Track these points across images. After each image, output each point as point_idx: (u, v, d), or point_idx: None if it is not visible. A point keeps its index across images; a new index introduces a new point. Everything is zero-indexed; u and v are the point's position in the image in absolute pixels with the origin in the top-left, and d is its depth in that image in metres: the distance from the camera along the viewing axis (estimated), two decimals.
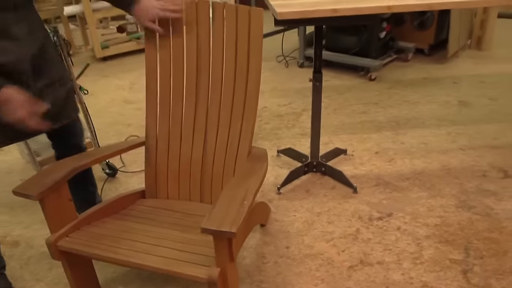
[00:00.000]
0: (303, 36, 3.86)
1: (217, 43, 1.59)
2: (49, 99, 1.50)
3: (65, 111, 1.58)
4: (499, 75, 3.50)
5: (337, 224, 1.92)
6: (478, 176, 2.20)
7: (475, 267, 1.64)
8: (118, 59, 4.51)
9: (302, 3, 1.72)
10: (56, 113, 1.54)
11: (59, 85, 1.53)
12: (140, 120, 3.07)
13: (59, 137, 1.65)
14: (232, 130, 1.60)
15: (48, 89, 1.49)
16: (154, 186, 1.73)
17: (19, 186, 1.34)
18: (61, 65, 1.60)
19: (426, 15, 3.86)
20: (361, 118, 2.91)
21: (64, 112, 1.59)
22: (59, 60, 1.59)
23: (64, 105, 1.57)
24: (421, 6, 1.63)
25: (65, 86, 1.57)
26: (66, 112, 1.59)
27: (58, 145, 1.74)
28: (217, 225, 1.10)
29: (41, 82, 1.46)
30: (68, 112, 1.61)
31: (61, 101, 1.55)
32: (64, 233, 1.40)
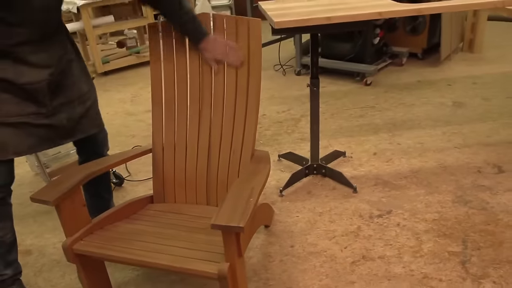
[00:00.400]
0: (299, 45, 3.97)
1: None
2: (64, 116, 1.57)
3: (80, 126, 1.65)
4: (491, 76, 3.59)
5: (339, 222, 1.99)
6: (473, 172, 2.27)
7: (472, 258, 1.71)
8: (118, 73, 4.62)
9: (298, 12, 1.81)
10: (70, 128, 1.61)
11: (77, 103, 1.61)
12: (143, 131, 3.16)
13: (83, 144, 1.73)
14: (235, 137, 1.68)
15: (64, 107, 1.56)
16: (161, 192, 1.80)
17: (36, 193, 1.41)
18: (85, 83, 1.65)
19: (418, 20, 3.97)
20: (358, 121, 2.99)
21: (80, 128, 1.65)
22: (83, 79, 1.64)
23: (80, 121, 1.63)
24: (410, 11, 1.72)
25: (84, 104, 1.64)
26: (82, 127, 1.65)
27: (81, 152, 1.83)
28: (226, 221, 1.17)
29: (57, 101, 1.54)
30: (84, 127, 1.66)
31: (77, 118, 1.62)
32: (79, 237, 1.47)
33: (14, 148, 1.49)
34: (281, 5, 2.05)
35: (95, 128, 1.73)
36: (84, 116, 1.64)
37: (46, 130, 1.54)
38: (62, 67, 1.54)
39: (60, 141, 1.61)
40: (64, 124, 1.58)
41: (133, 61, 4.76)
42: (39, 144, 1.55)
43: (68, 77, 1.57)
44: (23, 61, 1.41)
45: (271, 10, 1.90)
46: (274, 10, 1.90)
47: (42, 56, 1.45)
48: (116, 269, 1.82)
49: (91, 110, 1.68)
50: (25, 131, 1.50)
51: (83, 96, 1.63)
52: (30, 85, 1.44)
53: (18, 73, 1.41)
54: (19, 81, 1.42)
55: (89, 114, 1.67)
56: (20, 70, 1.41)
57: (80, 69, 1.64)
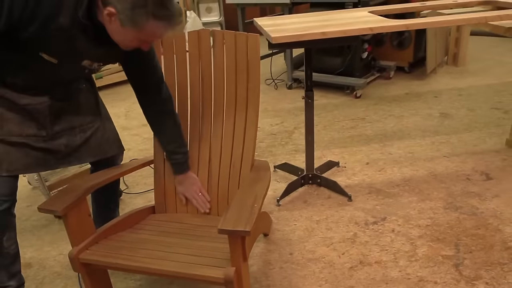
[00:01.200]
0: (290, 59, 4.07)
1: (218, 67, 1.74)
2: (63, 142, 1.59)
3: (78, 154, 1.65)
4: (475, 88, 3.73)
5: (336, 230, 2.04)
6: (463, 180, 2.36)
7: (465, 260, 1.78)
8: (111, 88, 4.66)
9: (293, 28, 1.90)
10: (67, 154, 1.62)
11: (78, 131, 1.62)
12: (138, 145, 3.20)
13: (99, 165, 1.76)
14: (235, 149, 1.74)
15: (65, 133, 1.58)
16: (163, 202, 1.83)
17: (44, 203, 1.44)
18: (90, 113, 1.66)
19: (404, 35, 4.12)
20: (350, 132, 3.08)
21: (77, 155, 1.65)
22: (89, 108, 1.66)
23: (78, 149, 1.64)
24: (399, 27, 1.82)
25: (84, 133, 1.64)
26: (79, 155, 1.65)
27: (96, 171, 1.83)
28: (232, 226, 1.22)
29: (59, 126, 1.56)
30: (81, 155, 1.66)
31: (76, 146, 1.63)
32: (85, 246, 1.50)
33: (8, 166, 1.49)
34: (276, 21, 2.14)
35: (93, 157, 1.72)
36: (83, 145, 1.65)
37: (43, 153, 1.55)
38: (66, 93, 1.57)
39: (56, 165, 1.62)
40: (61, 150, 1.59)
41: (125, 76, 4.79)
42: (35, 165, 1.56)
43: (72, 104, 1.59)
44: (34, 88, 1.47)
45: (267, 26, 1.98)
46: (270, 26, 1.99)
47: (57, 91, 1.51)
48: (118, 279, 1.84)
49: (91, 139, 1.68)
50: (23, 151, 1.51)
51: (85, 125, 1.64)
52: (31, 106, 1.48)
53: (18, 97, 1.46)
54: (21, 102, 1.46)
55: (89, 143, 1.67)
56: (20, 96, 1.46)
57: (88, 99, 1.65)
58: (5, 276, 1.63)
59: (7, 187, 1.54)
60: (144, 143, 3.22)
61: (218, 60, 1.74)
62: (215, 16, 6.40)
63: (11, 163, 1.50)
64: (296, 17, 2.24)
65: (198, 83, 1.77)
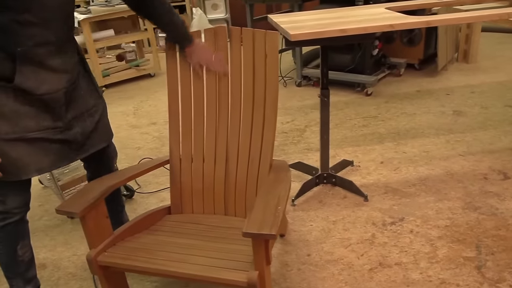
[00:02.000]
0: (299, 56, 4.03)
1: (235, 64, 1.71)
2: (77, 130, 1.56)
3: (91, 141, 1.63)
4: (488, 85, 3.68)
5: (353, 230, 2.01)
6: (480, 179, 2.32)
7: (487, 262, 1.74)
8: (118, 86, 4.63)
9: (310, 25, 1.86)
10: (83, 143, 1.60)
11: (87, 116, 1.59)
12: (148, 144, 3.17)
13: (92, 159, 1.71)
14: (253, 148, 1.70)
15: (76, 120, 1.55)
16: (179, 203, 1.81)
17: (61, 205, 1.41)
18: (91, 97, 1.63)
19: (414, 32, 4.07)
20: (362, 131, 3.04)
21: (91, 143, 1.63)
22: (90, 92, 1.63)
23: (91, 136, 1.62)
24: (420, 23, 1.78)
25: (92, 117, 1.62)
26: (92, 142, 1.64)
27: (90, 167, 1.81)
28: (257, 229, 1.19)
29: (71, 113, 1.53)
30: (95, 142, 1.65)
31: (88, 132, 1.60)
32: (103, 248, 1.47)
33: (35, 165, 1.47)
34: (291, 18, 2.10)
35: (105, 141, 1.72)
36: (94, 130, 1.63)
37: (61, 146, 1.52)
38: (75, 77, 1.54)
39: (75, 156, 1.59)
40: (78, 139, 1.57)
41: (133, 74, 4.78)
42: (58, 161, 1.54)
43: (77, 89, 1.56)
44: (43, 65, 1.39)
45: (283, 23, 1.94)
46: (286, 23, 1.95)
47: (59, 61, 1.44)
48: (134, 280, 1.82)
49: (100, 123, 1.67)
50: (42, 149, 1.48)
51: (90, 109, 1.62)
52: (48, 95, 1.43)
53: (39, 81, 1.40)
54: (39, 91, 1.40)
55: (98, 127, 1.65)
56: (42, 78, 1.40)
57: (87, 82, 1.63)
58: (21, 282, 1.61)
59: (21, 199, 1.52)
60: (154, 141, 3.19)
61: (235, 58, 1.71)
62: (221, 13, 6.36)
63: (37, 163, 1.47)
64: (311, 14, 2.20)
65: (215, 80, 1.74)
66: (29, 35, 1.33)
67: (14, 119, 1.40)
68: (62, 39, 1.44)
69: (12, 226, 1.51)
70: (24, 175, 1.46)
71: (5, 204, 1.48)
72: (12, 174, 1.43)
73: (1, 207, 1.48)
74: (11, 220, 1.50)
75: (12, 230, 1.52)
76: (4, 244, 1.54)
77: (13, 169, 1.43)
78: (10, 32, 1.30)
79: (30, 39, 1.34)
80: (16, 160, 1.42)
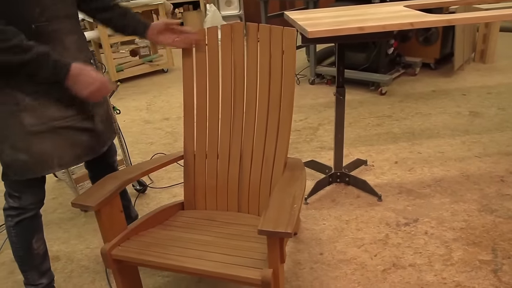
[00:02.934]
0: (313, 54, 4.00)
1: (251, 61, 1.70)
2: (98, 119, 1.56)
3: (107, 133, 1.64)
4: (505, 86, 3.62)
5: (366, 230, 1.99)
6: (497, 182, 2.28)
7: (504, 266, 1.71)
8: (132, 81, 4.65)
9: (327, 22, 1.84)
10: (103, 134, 1.60)
11: (101, 104, 1.59)
12: (161, 139, 3.18)
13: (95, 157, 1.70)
14: (268, 146, 1.69)
15: (96, 107, 1.55)
16: (192, 199, 1.81)
17: (77, 198, 1.42)
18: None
19: (430, 31, 4.01)
20: (376, 130, 3.01)
21: (107, 134, 1.64)
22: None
23: (106, 126, 1.62)
24: (441, 22, 1.75)
25: (103, 106, 1.62)
26: (108, 134, 1.64)
27: (93, 165, 1.79)
28: (273, 227, 1.18)
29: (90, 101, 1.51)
30: (109, 133, 1.66)
31: (105, 121, 1.61)
32: (117, 242, 1.48)
33: (59, 160, 1.46)
34: (308, 15, 2.08)
35: (114, 133, 1.73)
36: (106, 120, 1.63)
37: (88, 136, 1.52)
38: (90, 58, 1.53)
39: (100, 148, 1.60)
40: (100, 128, 1.57)
41: (146, 69, 4.80)
42: (83, 154, 1.54)
43: None
44: (58, 42, 1.37)
45: (300, 20, 1.93)
46: (303, 20, 1.93)
47: (73, 39, 1.43)
48: (146, 274, 1.82)
49: (108, 113, 1.68)
50: (69, 139, 1.47)
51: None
52: None
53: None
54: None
55: (108, 118, 1.66)
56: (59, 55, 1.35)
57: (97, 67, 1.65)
58: (36, 275, 1.63)
59: (36, 196, 1.53)
60: (167, 137, 3.20)
61: (251, 55, 1.70)
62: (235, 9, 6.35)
63: (61, 158, 1.47)
64: (328, 11, 2.17)
65: (230, 77, 1.73)
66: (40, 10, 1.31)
67: (37, 109, 1.38)
68: (71, 14, 1.43)
69: (27, 221, 1.53)
70: (46, 171, 1.45)
71: (20, 200, 1.49)
72: (34, 171, 1.43)
73: (17, 203, 1.50)
74: (26, 215, 1.52)
75: (28, 225, 1.54)
76: (19, 239, 1.55)
77: (36, 166, 1.42)
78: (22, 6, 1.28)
79: (42, 14, 1.31)
80: (40, 155, 1.41)
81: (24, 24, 1.30)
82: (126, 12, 1.61)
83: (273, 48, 1.65)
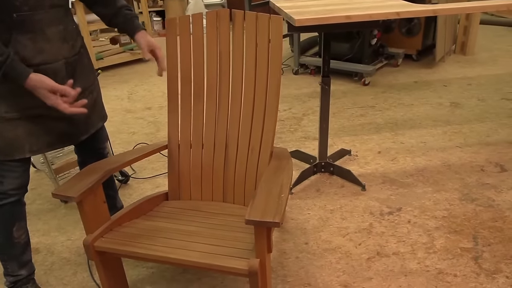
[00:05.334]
0: (297, 44, 3.98)
1: (237, 50, 1.67)
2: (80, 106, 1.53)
3: (91, 120, 1.61)
4: (485, 78, 3.69)
5: (351, 220, 2.01)
6: (477, 171, 2.33)
7: (484, 253, 1.75)
8: (113, 70, 4.55)
9: (314, 10, 1.82)
10: (85, 122, 1.57)
11: (88, 92, 1.56)
12: (143, 129, 3.12)
13: (84, 142, 1.67)
14: (254, 134, 1.67)
15: (80, 96, 1.50)
16: (177, 189, 1.78)
17: (58, 188, 1.38)
18: (91, 71, 1.62)
19: (413, 22, 4.04)
20: (360, 120, 3.03)
21: (91, 122, 1.61)
22: (90, 69, 1.61)
23: (91, 115, 1.59)
24: (427, 12, 1.76)
25: (92, 94, 1.60)
26: (92, 121, 1.62)
27: (82, 150, 1.77)
28: (260, 216, 1.17)
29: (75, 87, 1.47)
30: (94, 121, 1.63)
31: (89, 110, 1.56)
32: (100, 234, 1.44)
33: (30, 146, 1.44)
34: (295, 3, 2.06)
35: (102, 120, 1.70)
36: (93, 108, 1.60)
37: (65, 124, 1.50)
38: (78, 49, 1.50)
39: (80, 136, 1.57)
40: (80, 117, 1.53)
41: (127, 58, 4.70)
42: (58, 141, 1.51)
43: (80, 62, 1.52)
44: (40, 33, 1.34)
45: (286, 7, 1.90)
46: (290, 8, 1.91)
47: (57, 29, 1.39)
48: (130, 266, 1.80)
49: (97, 101, 1.65)
50: (44, 127, 1.45)
51: (90, 86, 1.59)
52: (46, 65, 1.37)
53: (36, 50, 1.34)
54: (35, 60, 1.34)
55: (96, 105, 1.64)
56: (40, 47, 1.35)
57: (88, 59, 1.61)
58: (16, 265, 1.59)
59: (18, 181, 1.48)
60: (149, 126, 3.15)
61: (237, 42, 1.67)
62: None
63: (33, 144, 1.44)
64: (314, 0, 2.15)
65: (216, 65, 1.70)
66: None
67: (13, 97, 1.36)
68: (58, 4, 1.39)
69: (8, 206, 1.48)
70: (16, 155, 1.42)
71: (2, 185, 1.45)
72: (5, 153, 1.41)
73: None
74: (7, 200, 1.47)
75: (9, 210, 1.49)
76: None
77: (5, 149, 1.40)
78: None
79: (25, 3, 1.28)
80: (12, 140, 1.40)
81: (4, 13, 1.26)
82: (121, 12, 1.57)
83: (259, 36, 1.62)
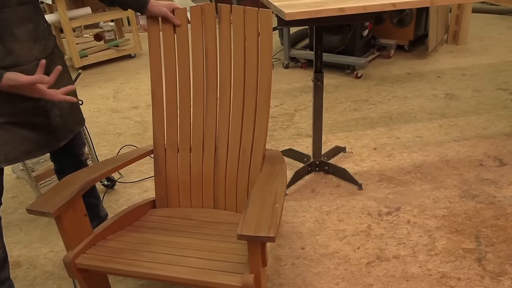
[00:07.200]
0: (287, 37, 3.87)
1: (224, 46, 1.56)
2: (56, 112, 1.44)
3: (69, 125, 1.52)
4: (478, 67, 3.62)
5: (348, 221, 1.93)
6: (476, 166, 2.26)
7: (488, 254, 1.68)
8: (97, 67, 4.40)
9: (305, 3, 1.72)
10: (62, 127, 1.48)
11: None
12: (130, 129, 3.00)
13: (60, 148, 1.56)
14: (244, 135, 1.58)
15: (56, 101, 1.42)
16: (165, 196, 1.68)
17: (34, 203, 1.27)
18: (67, 73, 1.52)
19: (404, 12, 3.95)
20: (353, 115, 2.94)
21: (69, 127, 1.52)
22: (64, 70, 1.51)
23: (68, 120, 1.50)
24: (423, 2, 1.66)
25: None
26: (70, 126, 1.53)
27: (58, 157, 1.67)
28: (254, 231, 1.08)
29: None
30: (72, 126, 1.54)
31: (66, 114, 1.49)
32: (81, 249, 1.34)
33: (5, 156, 1.33)
34: None
35: (80, 125, 1.61)
36: (69, 112, 1.51)
37: (41, 131, 1.39)
38: (51, 50, 1.40)
39: (57, 143, 1.47)
40: (58, 122, 1.45)
41: (112, 54, 4.54)
42: (34, 149, 1.40)
43: (54, 64, 1.41)
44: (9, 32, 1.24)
45: (276, 1, 1.80)
46: (279, 0, 1.80)
47: (29, 28, 1.29)
48: (117, 279, 1.70)
49: (74, 105, 1.55)
50: (18, 135, 1.35)
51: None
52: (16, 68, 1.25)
53: (4, 52, 1.24)
54: (3, 63, 1.24)
55: (73, 109, 1.54)
56: (8, 48, 1.24)
57: (61, 58, 1.51)
58: None
59: None
60: (136, 127, 3.03)
61: (224, 38, 1.56)
62: None
63: (8, 154, 1.34)
64: None
65: (202, 63, 1.59)
66: None
67: None
68: (26, 1, 1.28)
69: None
70: None
71: None
72: None
73: None
74: None
75: None
76: None
77: None
78: None
79: None
80: None
81: None
82: None
83: (248, 31, 1.52)
